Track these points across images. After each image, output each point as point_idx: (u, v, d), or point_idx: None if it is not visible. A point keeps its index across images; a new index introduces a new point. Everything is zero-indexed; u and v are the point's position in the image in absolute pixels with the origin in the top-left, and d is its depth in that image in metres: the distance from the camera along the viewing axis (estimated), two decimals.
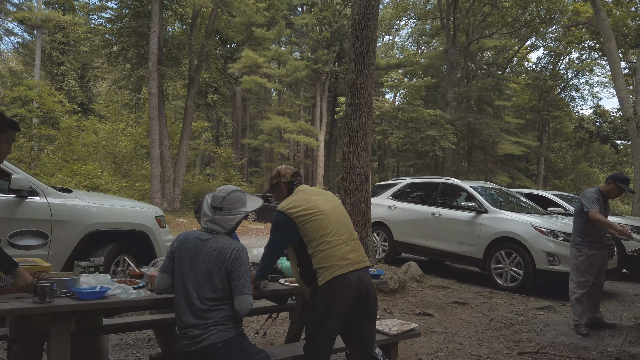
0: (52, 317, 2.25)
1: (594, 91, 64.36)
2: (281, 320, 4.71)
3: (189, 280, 2.40)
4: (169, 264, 2.50)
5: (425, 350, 4.19)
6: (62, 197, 4.60)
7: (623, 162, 34.38)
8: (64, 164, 19.30)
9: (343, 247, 2.63)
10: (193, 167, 30.19)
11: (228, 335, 2.35)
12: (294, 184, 2.91)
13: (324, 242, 2.59)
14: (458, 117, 26.46)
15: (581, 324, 4.94)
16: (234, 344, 2.36)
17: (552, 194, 10.06)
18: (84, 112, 27.17)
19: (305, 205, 2.67)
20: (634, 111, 14.37)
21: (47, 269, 2.61)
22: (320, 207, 2.69)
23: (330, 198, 2.88)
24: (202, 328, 2.33)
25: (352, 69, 7.51)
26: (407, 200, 9.19)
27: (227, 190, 2.60)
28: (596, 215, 4.80)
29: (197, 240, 2.48)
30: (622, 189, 4.97)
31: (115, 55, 21.36)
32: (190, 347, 2.34)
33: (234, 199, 2.58)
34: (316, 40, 30.98)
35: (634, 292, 7.56)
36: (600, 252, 4.99)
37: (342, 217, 2.79)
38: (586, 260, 4.93)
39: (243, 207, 2.61)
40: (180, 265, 2.44)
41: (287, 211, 2.65)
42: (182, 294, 2.41)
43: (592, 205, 4.85)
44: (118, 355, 3.73)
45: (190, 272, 2.41)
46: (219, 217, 2.52)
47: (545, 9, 26.97)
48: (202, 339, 2.32)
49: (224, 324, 2.36)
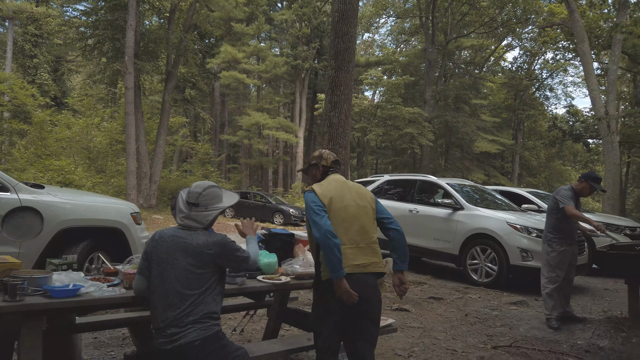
0: (23, 316, 2.20)
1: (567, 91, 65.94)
2: (258, 317, 4.70)
3: (167, 278, 2.37)
4: (144, 265, 2.46)
5: (401, 345, 4.24)
6: (34, 193, 4.49)
7: (594, 160, 35.30)
8: (36, 159, 18.87)
9: (354, 248, 2.57)
10: (170, 163, 29.82)
11: (206, 334, 2.33)
12: (330, 171, 2.88)
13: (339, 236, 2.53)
14: (436, 115, 26.79)
15: (552, 317, 5.07)
16: (212, 342, 2.34)
17: (526, 192, 10.27)
18: (58, 106, 26.54)
19: (331, 195, 2.64)
20: (605, 111, 14.77)
21: (17, 266, 2.54)
22: (345, 202, 2.64)
23: (360, 195, 2.74)
24: (179, 326, 2.31)
25: (331, 65, 7.52)
26: (386, 197, 9.25)
27: (202, 186, 2.57)
28: (572, 210, 4.92)
29: (173, 237, 2.44)
30: (594, 187, 5.11)
31: (90, 49, 20.90)
32: (167, 345, 2.31)
33: (210, 194, 2.56)
34: (296, 37, 30.91)
35: (604, 287, 7.78)
36: (571, 248, 5.13)
37: (364, 218, 2.67)
38: (557, 256, 5.06)
39: (220, 202, 2.59)
40: (158, 264, 2.41)
41: (317, 191, 2.65)
42: (159, 292, 2.38)
43: (567, 202, 4.96)
44: (92, 354, 3.67)
45: (169, 270, 2.38)
46: (195, 213, 2.50)
47: (521, 9, 27.47)
48: (179, 337, 2.30)
49: (201, 322, 2.34)
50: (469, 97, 30.18)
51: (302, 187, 28.87)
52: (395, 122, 24.44)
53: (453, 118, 26.48)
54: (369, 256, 2.60)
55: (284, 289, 3.22)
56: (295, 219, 19.99)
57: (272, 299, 3.94)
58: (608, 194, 14.56)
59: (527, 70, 34.72)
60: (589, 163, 36.46)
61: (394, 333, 3.60)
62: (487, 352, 4.21)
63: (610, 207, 14.76)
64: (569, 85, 55.86)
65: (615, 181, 15.14)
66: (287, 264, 3.28)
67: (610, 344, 4.37)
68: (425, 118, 24.73)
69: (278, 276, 3.13)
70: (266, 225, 16.74)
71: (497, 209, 7.88)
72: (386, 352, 4.06)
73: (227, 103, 37.80)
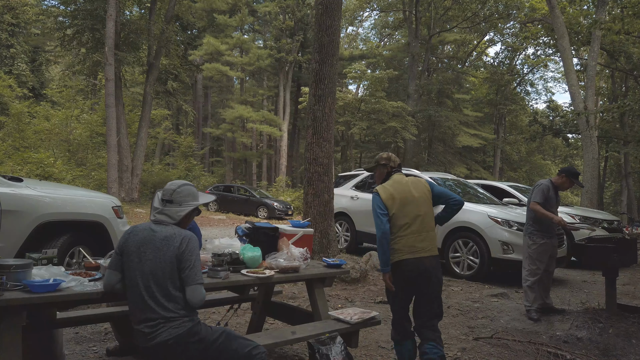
0: (2, 311, 2.16)
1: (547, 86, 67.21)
2: (243, 311, 4.69)
3: (137, 273, 2.34)
4: (117, 259, 2.43)
5: (385, 337, 4.27)
6: (12, 186, 4.40)
7: (573, 155, 35.99)
8: (14, 151, 18.46)
9: (415, 236, 3.09)
10: (152, 156, 29.47)
11: (178, 332, 2.30)
12: (393, 172, 3.31)
13: (401, 229, 3.08)
14: (419, 109, 26.93)
15: (532, 309, 5.17)
16: (186, 338, 2.31)
17: (507, 185, 10.41)
18: (36, 97, 25.96)
19: (394, 195, 3.13)
20: (585, 106, 15.01)
21: None
22: (406, 199, 3.12)
23: (416, 187, 3.20)
24: (151, 326, 2.29)
25: (315, 59, 7.49)
26: (370, 191, 9.28)
27: (177, 184, 2.57)
28: (535, 206, 5.10)
29: (145, 231, 2.42)
30: (573, 182, 5.22)
31: (69, 39, 20.41)
32: (145, 343, 2.31)
33: (185, 191, 2.55)
34: (279, 29, 30.70)
35: (582, 279, 7.95)
36: (551, 241, 5.23)
37: (422, 208, 3.15)
38: (538, 248, 5.16)
39: (194, 200, 2.57)
40: (129, 258, 2.38)
41: (381, 195, 3.14)
42: (133, 288, 2.35)
43: (536, 198, 5.13)
44: (73, 349, 3.62)
45: (137, 264, 2.35)
46: (168, 209, 2.48)
47: (503, 4, 27.72)
48: (153, 336, 2.28)
49: (173, 319, 2.30)
50: (451, 91, 30.40)
51: (286, 180, 28.81)
52: (379, 116, 24.49)
53: (436, 112, 26.66)
54: (426, 242, 3.10)
55: (268, 282, 3.22)
56: (279, 213, 19.94)
57: (257, 292, 3.93)
58: (586, 187, 14.83)
59: (509, 65, 35.10)
60: (568, 157, 37.17)
61: (378, 325, 3.63)
62: (469, 344, 4.27)
63: (588, 201, 15.05)
64: (550, 81, 56.54)
65: (593, 175, 15.43)
66: (271, 257, 3.28)
67: (588, 334, 4.47)
68: (408, 112, 24.84)
69: (262, 270, 3.12)
70: (250, 219, 16.69)
71: (478, 203, 7.97)
72: (370, 344, 4.09)
73: (210, 96, 37.42)
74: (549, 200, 5.13)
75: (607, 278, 5.00)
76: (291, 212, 20.68)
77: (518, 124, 36.87)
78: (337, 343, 2.96)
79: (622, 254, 4.87)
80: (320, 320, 3.38)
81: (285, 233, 3.69)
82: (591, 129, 14.88)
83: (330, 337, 3.00)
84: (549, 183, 5.24)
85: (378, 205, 3.12)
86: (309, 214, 7.15)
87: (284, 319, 3.94)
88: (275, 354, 3.73)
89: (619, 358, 4.01)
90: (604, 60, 23.44)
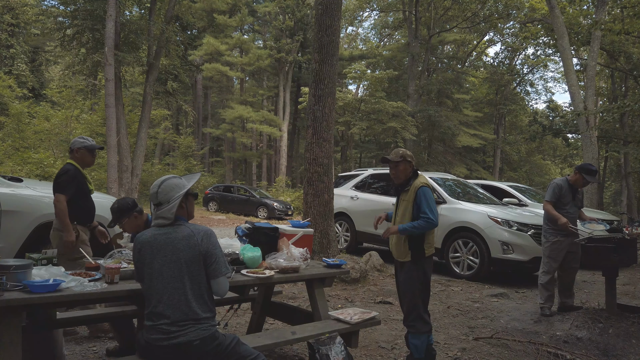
0: (2, 311, 2.16)
1: (547, 86, 67.15)
2: (243, 311, 4.69)
3: (165, 274, 2.33)
4: (139, 271, 2.42)
5: (385, 337, 4.27)
6: (12, 186, 4.40)
7: (573, 155, 35.95)
8: (14, 151, 18.47)
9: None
10: (152, 157, 29.46)
11: (205, 334, 2.31)
12: (415, 170, 3.59)
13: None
14: (419, 109, 26.90)
15: (546, 306, 5.21)
16: (210, 342, 2.32)
17: (507, 185, 10.42)
18: (36, 97, 25.95)
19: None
20: (584, 106, 15.00)
21: None
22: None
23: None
24: (179, 325, 2.27)
25: (315, 59, 7.49)
26: (369, 191, 9.30)
27: (157, 185, 2.51)
28: (546, 205, 5.18)
29: (157, 236, 2.40)
30: (585, 179, 5.18)
31: (68, 39, 20.40)
32: (163, 341, 2.27)
33: (167, 188, 2.49)
34: (279, 29, 30.69)
35: (582, 279, 7.94)
36: (566, 239, 5.15)
37: None
38: (551, 246, 5.17)
39: (180, 190, 2.51)
40: (149, 266, 2.36)
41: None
42: (158, 287, 2.33)
43: (547, 196, 5.20)
44: (73, 349, 3.62)
45: (160, 269, 2.34)
46: (161, 211, 2.45)
47: (503, 4, 27.68)
48: (178, 334, 2.26)
49: (203, 322, 2.32)
50: (451, 91, 30.37)
51: (286, 181, 28.79)
52: (379, 116, 24.47)
53: (436, 112, 26.62)
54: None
55: (268, 282, 3.22)
56: (279, 213, 19.93)
57: (256, 292, 3.93)
58: (587, 188, 14.81)
59: (509, 65, 35.07)
60: (568, 157, 37.13)
61: (378, 326, 3.63)
62: (469, 344, 4.27)
63: (588, 201, 15.05)
64: (549, 81, 56.65)
65: None
66: (271, 257, 3.27)
67: (588, 334, 4.47)
68: (408, 112, 24.81)
69: (262, 270, 3.12)
70: (250, 219, 16.68)
71: (478, 203, 7.98)
72: (370, 344, 4.09)
73: (209, 96, 37.41)
74: (563, 199, 5.15)
75: (607, 278, 5.00)
76: (291, 212, 20.68)
77: (518, 124, 36.85)
78: (337, 343, 2.96)
79: (622, 254, 4.87)
80: (320, 320, 3.38)
81: (285, 233, 3.70)
82: (591, 129, 14.88)
83: (330, 337, 3.00)
84: (561, 181, 5.26)
85: (432, 196, 3.43)
86: (309, 214, 7.16)
87: (284, 319, 3.94)
88: (275, 354, 3.73)
89: (619, 358, 4.02)
90: (603, 60, 23.43)
